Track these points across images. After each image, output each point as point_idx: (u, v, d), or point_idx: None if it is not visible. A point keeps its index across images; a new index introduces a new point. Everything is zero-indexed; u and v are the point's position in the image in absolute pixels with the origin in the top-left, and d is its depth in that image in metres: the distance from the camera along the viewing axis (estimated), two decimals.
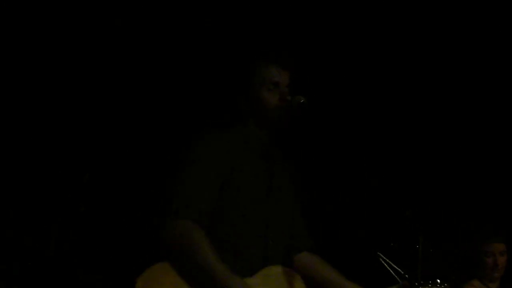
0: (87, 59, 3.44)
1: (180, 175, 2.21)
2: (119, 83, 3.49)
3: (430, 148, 3.72)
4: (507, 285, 3.38)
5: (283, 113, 2.34)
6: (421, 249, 2.64)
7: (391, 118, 3.71)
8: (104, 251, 3.46)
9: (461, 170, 3.71)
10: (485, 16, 3.53)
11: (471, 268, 3.33)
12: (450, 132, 3.70)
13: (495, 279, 3.32)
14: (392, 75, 3.71)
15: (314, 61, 3.55)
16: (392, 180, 3.50)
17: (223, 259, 2.08)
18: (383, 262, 2.38)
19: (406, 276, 2.36)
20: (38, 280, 3.31)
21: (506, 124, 3.71)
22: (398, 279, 2.40)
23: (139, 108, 3.53)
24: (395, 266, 2.40)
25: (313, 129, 2.45)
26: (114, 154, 3.51)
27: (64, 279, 3.34)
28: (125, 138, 3.51)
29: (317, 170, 3.35)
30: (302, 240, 2.46)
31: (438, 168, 3.69)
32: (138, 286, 2.06)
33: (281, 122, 2.35)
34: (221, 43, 3.49)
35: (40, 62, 3.39)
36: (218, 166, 2.23)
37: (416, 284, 2.33)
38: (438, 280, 2.34)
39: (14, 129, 3.36)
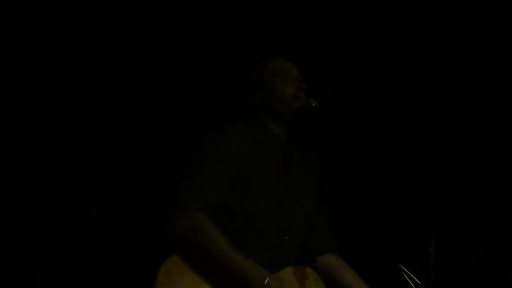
0: (93, 65, 3.45)
1: (191, 166, 2.20)
2: (132, 80, 3.50)
3: (443, 148, 3.71)
4: None
5: (301, 103, 2.33)
6: (433, 252, 2.63)
7: (407, 118, 3.70)
8: (116, 254, 3.47)
9: (475, 172, 3.69)
10: (485, 16, 3.52)
11: None
12: (467, 134, 3.68)
13: None
14: (406, 77, 3.70)
15: (321, 63, 3.55)
16: (405, 181, 3.49)
17: None
18: (404, 275, 2.35)
19: None
20: (50, 283, 3.33)
21: None
22: None
23: (151, 104, 3.53)
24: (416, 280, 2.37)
25: (325, 131, 2.44)
26: (126, 151, 3.51)
27: (76, 282, 3.35)
28: (138, 136, 3.52)
29: (328, 173, 3.34)
30: (325, 241, 2.44)
31: (452, 169, 3.68)
32: (161, 272, 2.06)
33: (298, 112, 2.33)
34: (231, 41, 3.50)
35: (44, 65, 3.40)
36: (232, 160, 2.22)
37: None
38: None
39: (21, 132, 3.37)
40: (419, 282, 2.33)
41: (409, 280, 2.35)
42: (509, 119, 3.63)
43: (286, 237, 2.25)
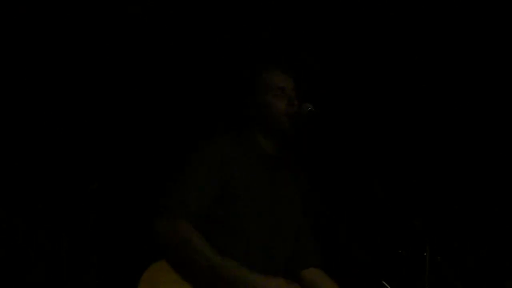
0: (95, 70, 3.46)
1: (176, 176, 2.21)
2: (125, 91, 3.52)
3: (440, 155, 3.70)
4: None
5: (292, 119, 2.33)
6: (428, 258, 2.64)
7: (401, 126, 3.70)
8: (114, 257, 3.48)
9: (471, 178, 3.69)
10: (485, 16, 3.52)
11: None
12: (463, 139, 3.68)
13: None
14: (402, 82, 3.70)
15: (320, 67, 3.55)
16: (401, 188, 3.49)
17: None
18: None
19: None
20: (49, 285, 3.34)
21: None
22: None
23: (146, 114, 3.55)
24: None
25: (320, 136, 2.45)
26: (123, 160, 3.53)
27: (74, 284, 3.36)
28: (133, 145, 3.53)
29: (323, 178, 3.35)
30: (309, 255, 2.43)
31: (448, 176, 3.68)
32: (143, 280, 2.08)
33: (289, 129, 2.34)
34: (226, 50, 3.50)
35: (44, 68, 3.42)
36: (217, 171, 2.21)
37: None
38: None
39: (20, 135, 3.38)
40: None
41: None
42: (508, 119, 3.62)
43: (274, 253, 2.26)
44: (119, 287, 3.42)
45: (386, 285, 2.38)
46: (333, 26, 3.60)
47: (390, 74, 3.67)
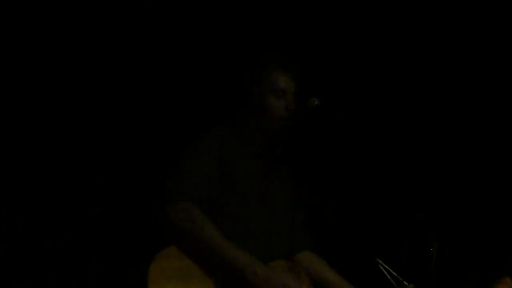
0: (96, 69, 3.46)
1: (181, 164, 2.26)
2: (128, 85, 3.52)
3: (443, 149, 3.71)
4: None
5: (285, 121, 2.38)
6: (435, 252, 2.64)
7: (404, 119, 3.71)
8: (119, 251, 3.47)
9: (475, 172, 3.70)
10: (485, 16, 3.53)
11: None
12: (466, 134, 3.69)
13: None
14: (402, 79, 3.71)
15: (324, 65, 3.56)
16: (404, 182, 3.49)
17: None
18: (381, 268, 2.36)
19: (405, 282, 2.34)
20: (54, 280, 3.33)
21: None
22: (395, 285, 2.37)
23: (149, 107, 3.55)
24: (393, 272, 2.37)
25: (324, 130, 2.47)
26: (128, 149, 3.53)
27: (79, 279, 3.36)
28: (133, 144, 3.53)
29: (325, 173, 3.36)
30: (303, 239, 2.48)
31: (452, 169, 3.68)
32: (152, 270, 2.09)
33: (279, 131, 2.38)
34: (231, 46, 3.51)
35: (45, 65, 3.41)
36: (218, 158, 2.27)
37: None
38: None
39: (22, 135, 3.38)
40: (399, 277, 2.34)
41: (387, 275, 2.36)
42: (509, 119, 3.63)
43: (273, 237, 2.29)
44: (119, 286, 3.42)
45: (381, 263, 2.38)
46: (337, 26, 3.61)
47: (395, 71, 3.68)
